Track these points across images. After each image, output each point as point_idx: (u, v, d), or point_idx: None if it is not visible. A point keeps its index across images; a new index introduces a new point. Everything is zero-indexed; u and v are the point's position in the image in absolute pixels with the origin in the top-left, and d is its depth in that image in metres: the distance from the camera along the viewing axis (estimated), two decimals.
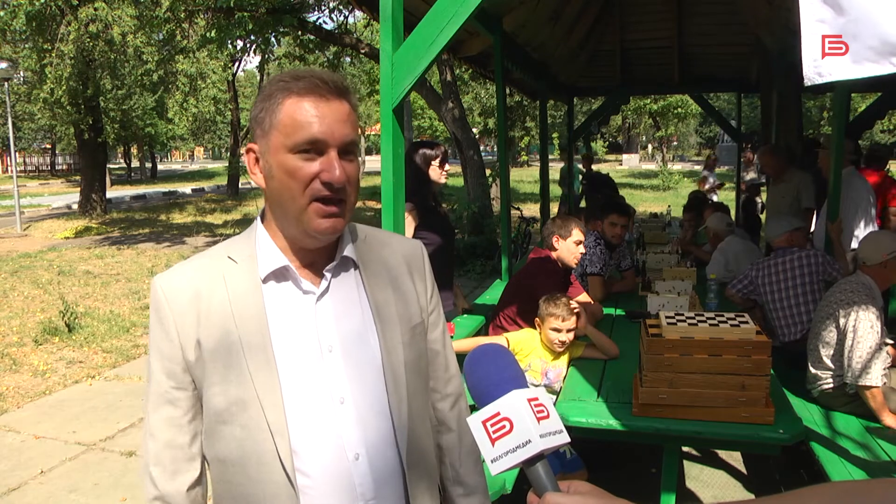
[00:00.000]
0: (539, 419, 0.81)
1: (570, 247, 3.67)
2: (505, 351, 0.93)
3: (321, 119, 1.07)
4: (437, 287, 1.38)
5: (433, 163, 3.49)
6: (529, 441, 0.79)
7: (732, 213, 7.89)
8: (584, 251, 3.76)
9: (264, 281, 1.15)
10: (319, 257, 1.18)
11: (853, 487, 0.66)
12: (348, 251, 1.20)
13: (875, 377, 3.01)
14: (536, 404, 0.83)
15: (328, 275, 1.17)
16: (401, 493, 1.20)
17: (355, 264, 1.21)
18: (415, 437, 1.21)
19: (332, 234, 1.12)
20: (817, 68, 1.74)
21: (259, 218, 1.20)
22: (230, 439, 1.13)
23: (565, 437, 0.83)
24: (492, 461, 0.81)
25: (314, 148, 1.08)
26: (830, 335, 3.23)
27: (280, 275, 1.16)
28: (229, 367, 1.11)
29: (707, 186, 10.82)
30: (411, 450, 1.20)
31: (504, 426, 0.81)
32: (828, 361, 3.25)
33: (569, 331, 3.11)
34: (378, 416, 1.17)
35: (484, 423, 0.83)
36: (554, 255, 3.72)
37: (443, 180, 3.57)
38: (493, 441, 0.81)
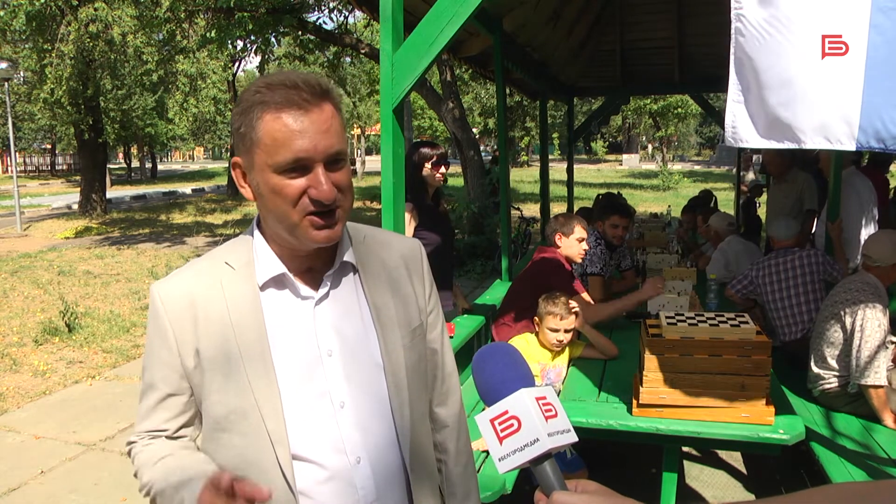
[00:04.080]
0: (547, 418, 0.81)
1: (573, 244, 3.69)
2: (513, 349, 0.93)
3: (302, 134, 1.02)
4: (437, 287, 1.38)
5: (426, 164, 3.52)
6: (537, 440, 0.79)
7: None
8: (587, 248, 3.77)
9: (262, 288, 1.14)
10: (317, 262, 1.17)
11: (859, 489, 0.65)
12: (347, 256, 1.18)
13: (881, 376, 3.01)
14: (545, 403, 0.83)
15: (328, 280, 1.16)
16: (403, 495, 1.20)
17: (354, 268, 1.20)
18: (417, 439, 1.21)
19: (328, 243, 1.10)
20: (734, 133, 2.11)
21: (256, 223, 1.19)
22: (229, 447, 1.13)
23: (573, 437, 0.83)
24: (499, 459, 0.81)
25: (299, 166, 1.03)
26: (836, 335, 3.23)
27: (278, 282, 1.14)
28: (228, 376, 1.11)
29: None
30: (414, 452, 1.20)
31: (512, 424, 0.81)
32: (832, 361, 3.25)
33: (567, 330, 3.11)
34: (379, 419, 1.16)
35: (492, 421, 0.83)
36: (559, 252, 3.73)
37: (437, 180, 3.58)
38: (500, 439, 0.81)
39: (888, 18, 1.84)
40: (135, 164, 36.81)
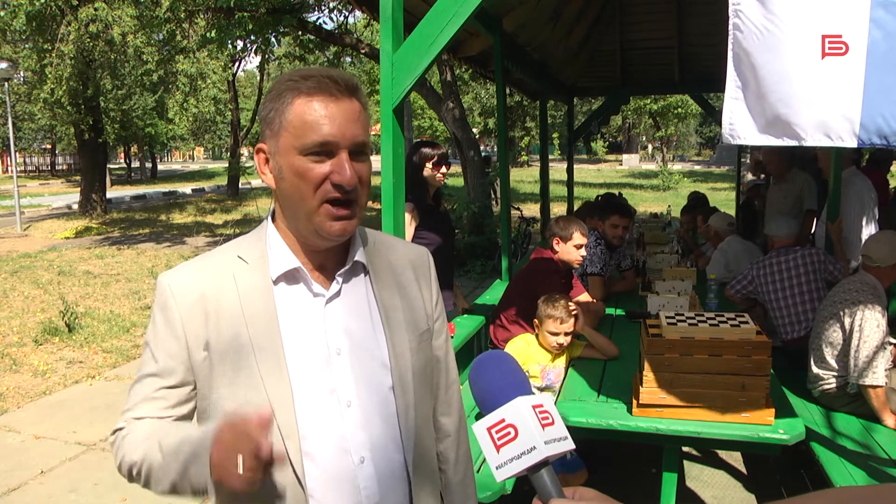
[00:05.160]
0: (544, 426, 0.81)
1: (570, 249, 3.67)
2: (509, 357, 0.93)
3: (331, 120, 1.06)
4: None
5: (427, 164, 3.51)
6: (534, 448, 0.80)
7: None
8: (585, 254, 3.75)
9: (275, 282, 1.14)
10: (329, 260, 1.17)
11: (862, 493, 0.65)
12: (359, 256, 1.19)
13: (880, 376, 3.02)
14: (541, 411, 0.83)
15: (339, 278, 1.16)
16: (405, 496, 1.20)
17: (365, 269, 1.21)
18: (420, 442, 1.21)
19: (343, 236, 1.11)
20: (732, 130, 2.08)
21: (269, 218, 1.19)
22: None
23: (570, 444, 0.83)
24: (496, 468, 0.82)
25: (324, 150, 1.06)
26: (835, 335, 3.23)
27: (291, 276, 1.15)
28: (239, 369, 1.10)
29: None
30: (417, 454, 1.20)
31: (509, 433, 0.81)
32: (831, 361, 3.25)
33: (567, 333, 3.11)
34: (384, 420, 1.16)
35: (489, 429, 0.83)
36: (555, 256, 3.72)
37: (438, 181, 3.57)
38: (497, 448, 0.82)
39: (888, 12, 1.83)
40: (135, 164, 36.79)
